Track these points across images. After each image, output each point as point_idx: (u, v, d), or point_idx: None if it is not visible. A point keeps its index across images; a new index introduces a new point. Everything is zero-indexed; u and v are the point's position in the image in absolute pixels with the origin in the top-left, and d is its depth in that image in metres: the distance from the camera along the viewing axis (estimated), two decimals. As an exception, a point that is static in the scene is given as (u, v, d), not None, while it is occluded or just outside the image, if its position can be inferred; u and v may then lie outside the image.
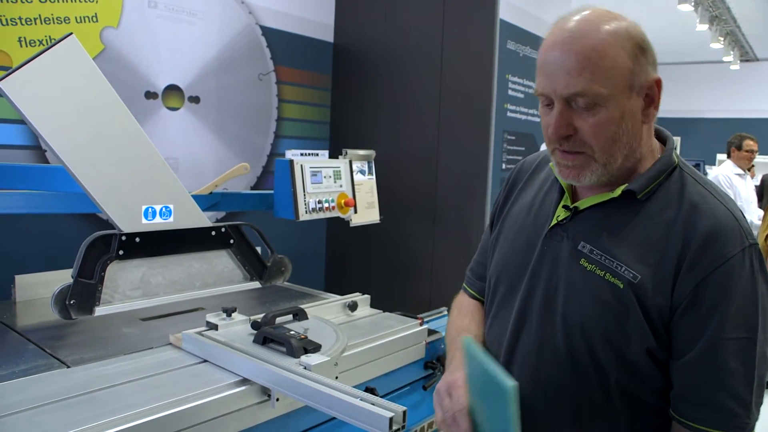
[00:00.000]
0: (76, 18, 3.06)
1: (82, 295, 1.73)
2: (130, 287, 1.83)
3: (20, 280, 2.53)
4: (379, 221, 2.77)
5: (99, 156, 1.75)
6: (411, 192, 4.02)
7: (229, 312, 1.97)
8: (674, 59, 10.78)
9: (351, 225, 2.61)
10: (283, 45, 4.12)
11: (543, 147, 4.63)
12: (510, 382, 1.02)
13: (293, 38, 4.21)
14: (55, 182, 2.17)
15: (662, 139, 1.24)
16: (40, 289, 2.55)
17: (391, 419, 1.33)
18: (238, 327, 1.95)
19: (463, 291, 1.60)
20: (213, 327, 1.93)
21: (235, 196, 2.45)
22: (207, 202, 2.24)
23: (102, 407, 1.48)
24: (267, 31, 4.01)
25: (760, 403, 1.04)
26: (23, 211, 2.28)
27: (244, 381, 1.67)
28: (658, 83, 1.11)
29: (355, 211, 2.58)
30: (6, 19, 2.79)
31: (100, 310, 1.77)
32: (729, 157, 6.05)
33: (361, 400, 1.43)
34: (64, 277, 2.50)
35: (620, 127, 1.09)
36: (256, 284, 2.15)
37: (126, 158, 1.80)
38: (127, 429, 1.41)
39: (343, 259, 4.48)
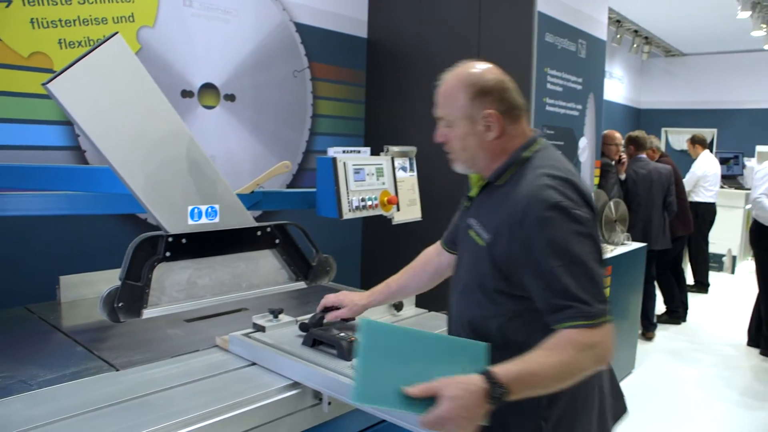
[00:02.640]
0: (113, 18, 3.06)
1: (130, 298, 1.72)
2: (176, 289, 1.82)
3: (65, 280, 2.55)
4: (420, 218, 2.73)
5: (145, 156, 1.73)
6: (447, 189, 3.96)
7: (275, 313, 1.96)
8: (712, 49, 10.56)
9: (393, 223, 2.57)
10: (317, 41, 4.10)
11: (582, 141, 4.55)
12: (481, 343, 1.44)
13: (327, 34, 4.18)
14: (96, 183, 2.16)
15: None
16: (83, 290, 2.57)
17: None
18: (286, 329, 1.93)
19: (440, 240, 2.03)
20: (260, 329, 1.92)
21: (277, 195, 2.43)
22: (249, 201, 2.22)
23: (155, 412, 1.48)
24: (301, 28, 3.99)
25: (602, 299, 1.41)
26: (66, 212, 2.29)
27: (295, 384, 1.65)
28: (491, 115, 1.55)
29: (398, 209, 2.55)
30: (47, 22, 2.80)
31: (147, 313, 1.76)
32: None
33: None
34: (107, 278, 2.53)
35: (466, 141, 1.59)
36: (302, 284, 2.13)
37: (172, 158, 1.78)
38: (182, 434, 1.40)
39: (378, 256, 4.46)
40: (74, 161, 2.95)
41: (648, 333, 5.69)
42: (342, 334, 1.75)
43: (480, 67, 1.60)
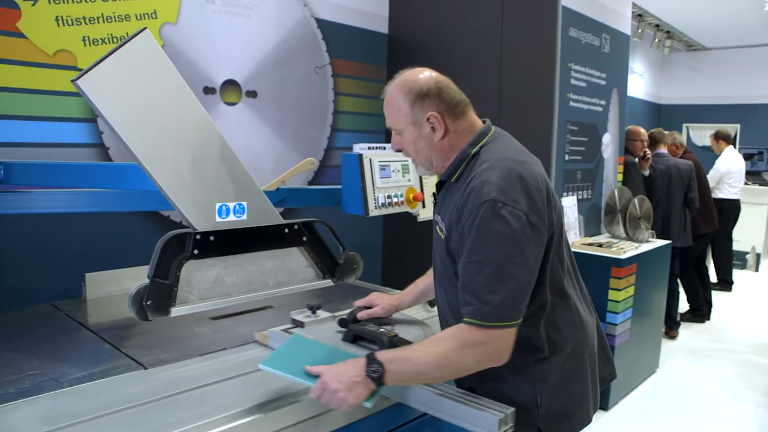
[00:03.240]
0: (136, 15, 3.07)
1: (159, 296, 1.71)
2: (204, 287, 1.81)
3: (90, 278, 2.55)
4: (445, 216, 2.71)
5: (173, 153, 1.72)
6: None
7: (314, 309, 1.97)
8: (736, 42, 10.42)
9: (419, 220, 2.55)
10: (338, 37, 4.09)
11: (606, 137, 4.51)
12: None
13: (348, 30, 4.17)
14: (121, 180, 2.16)
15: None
16: (108, 287, 2.58)
17: (500, 420, 1.37)
18: (324, 325, 1.94)
19: None
20: (299, 324, 1.93)
21: (302, 192, 2.42)
22: (274, 198, 2.21)
23: (190, 409, 1.48)
24: (322, 24, 3.98)
25: (508, 304, 1.43)
26: (92, 210, 2.29)
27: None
28: (433, 116, 1.62)
29: (423, 206, 2.53)
30: (71, 19, 2.81)
31: (176, 311, 1.75)
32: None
33: (466, 400, 1.45)
34: (131, 275, 2.54)
35: (417, 145, 1.67)
36: (329, 282, 2.11)
37: (200, 155, 1.77)
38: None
39: (399, 253, 4.44)
40: (98, 158, 2.96)
41: (671, 332, 5.63)
42: (382, 330, 1.76)
43: (415, 74, 1.66)
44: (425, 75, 1.65)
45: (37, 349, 1.94)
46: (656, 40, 9.44)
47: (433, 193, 1.82)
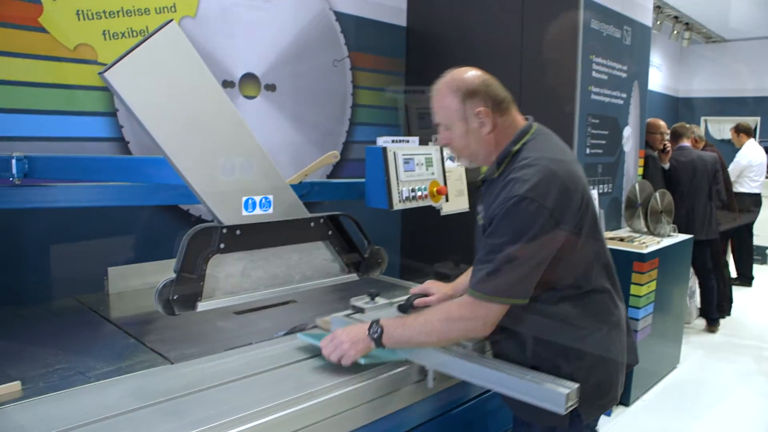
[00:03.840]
0: (155, 9, 3.06)
1: (185, 291, 1.70)
2: (231, 281, 1.80)
3: (113, 271, 2.56)
4: (468, 209, 2.70)
5: (200, 146, 1.71)
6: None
7: (373, 296, 2.04)
8: (756, 34, 10.28)
9: (442, 214, 2.54)
10: (356, 30, 4.07)
11: (626, 130, 4.47)
12: None
13: (366, 23, 4.15)
14: (144, 174, 2.16)
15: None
16: (131, 281, 2.58)
17: (567, 395, 1.46)
18: (384, 311, 2.00)
19: None
20: (359, 310, 1.98)
21: (326, 186, 2.40)
22: (298, 191, 2.19)
23: (216, 407, 1.46)
24: (340, 16, 3.96)
25: (504, 288, 1.60)
26: (113, 203, 2.28)
27: (403, 362, 1.80)
28: (482, 112, 1.74)
29: (447, 200, 2.51)
30: (92, 13, 2.80)
31: (202, 306, 1.74)
32: None
33: (532, 378, 1.56)
34: (153, 269, 2.54)
35: (465, 139, 1.79)
36: (354, 277, 2.10)
37: (227, 148, 1.76)
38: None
39: (418, 248, 4.42)
40: (118, 153, 2.96)
41: (711, 327, 5.62)
42: None
43: (463, 72, 1.80)
44: (473, 73, 1.78)
45: (62, 343, 1.94)
46: (675, 32, 9.34)
47: (477, 186, 1.92)
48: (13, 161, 2.03)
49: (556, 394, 1.48)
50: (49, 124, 2.73)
